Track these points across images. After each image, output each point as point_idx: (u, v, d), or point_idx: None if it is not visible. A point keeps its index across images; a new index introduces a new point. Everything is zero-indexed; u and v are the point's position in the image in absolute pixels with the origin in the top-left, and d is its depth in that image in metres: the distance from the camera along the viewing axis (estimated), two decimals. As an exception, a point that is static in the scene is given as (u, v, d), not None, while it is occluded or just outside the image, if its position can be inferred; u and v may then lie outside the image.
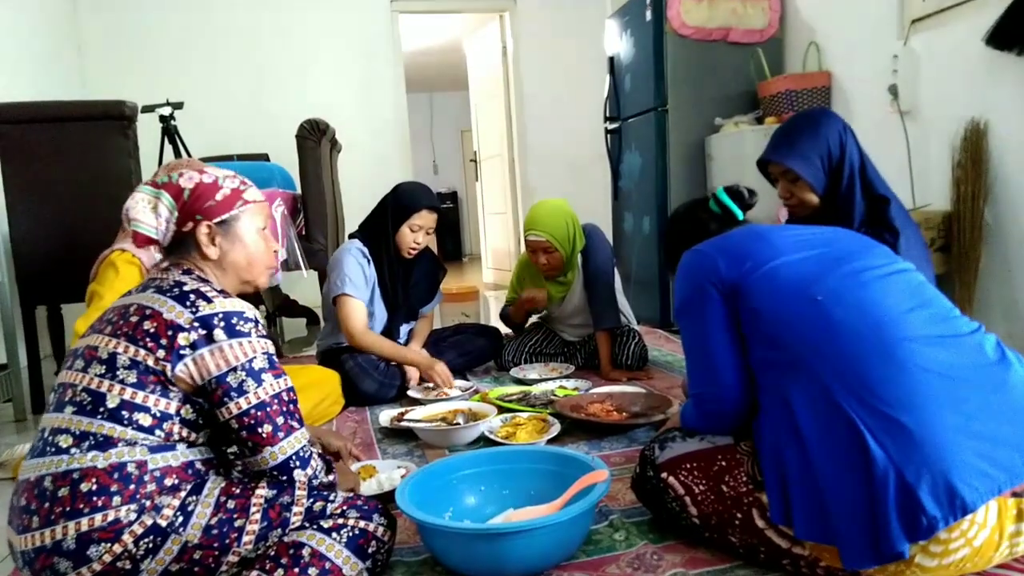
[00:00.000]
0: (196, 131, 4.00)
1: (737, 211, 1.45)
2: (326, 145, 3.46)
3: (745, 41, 3.45)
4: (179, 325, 1.10)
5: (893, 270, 1.20)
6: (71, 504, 1.01)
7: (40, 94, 3.54)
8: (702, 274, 1.27)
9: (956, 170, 2.55)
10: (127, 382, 1.07)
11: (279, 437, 1.13)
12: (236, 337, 1.12)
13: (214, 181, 1.24)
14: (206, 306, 1.12)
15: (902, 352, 1.06)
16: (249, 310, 1.16)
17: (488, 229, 6.37)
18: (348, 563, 1.12)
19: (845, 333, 1.11)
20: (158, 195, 1.21)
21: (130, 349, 1.08)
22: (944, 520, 0.96)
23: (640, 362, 2.61)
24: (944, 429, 1.00)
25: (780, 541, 1.12)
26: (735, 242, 1.30)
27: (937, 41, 2.68)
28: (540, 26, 5.41)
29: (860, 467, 1.01)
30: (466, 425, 1.91)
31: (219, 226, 1.23)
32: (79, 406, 1.07)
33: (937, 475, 0.97)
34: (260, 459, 1.13)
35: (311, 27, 5.01)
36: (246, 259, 1.26)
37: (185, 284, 1.16)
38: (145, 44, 4.76)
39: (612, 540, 1.34)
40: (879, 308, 1.12)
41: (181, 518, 1.06)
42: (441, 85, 9.32)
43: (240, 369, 1.11)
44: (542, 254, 2.51)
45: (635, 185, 3.75)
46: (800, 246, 1.24)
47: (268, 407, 1.12)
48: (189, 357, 1.09)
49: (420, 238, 2.45)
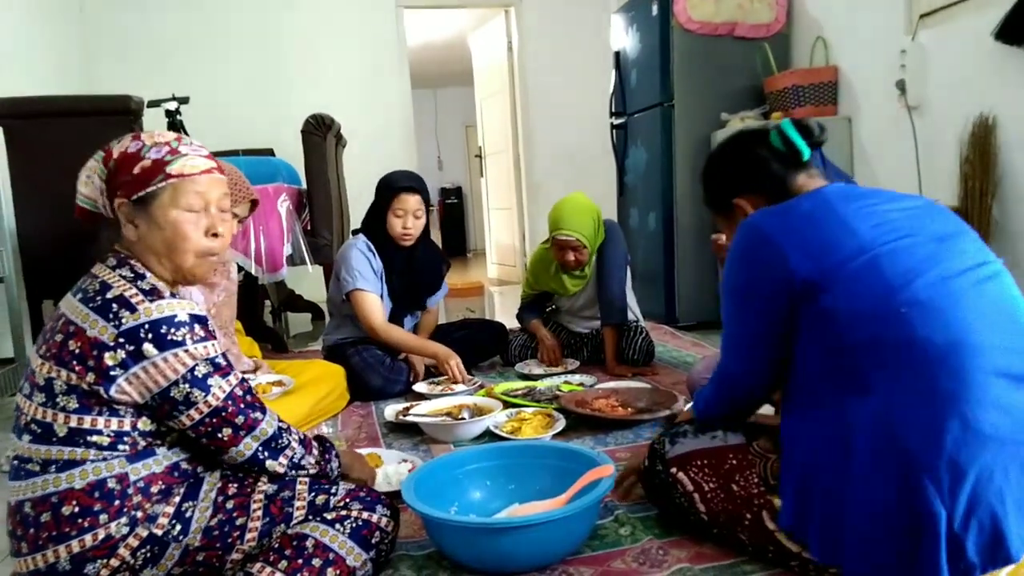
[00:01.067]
0: (202, 126, 4.00)
1: (805, 148, 1.21)
2: (331, 140, 3.46)
3: (751, 36, 3.43)
4: (103, 343, 0.99)
5: (987, 274, 1.05)
6: (56, 528, 0.98)
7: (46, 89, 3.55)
8: (767, 272, 1.10)
9: (964, 165, 2.53)
10: (69, 409, 1.00)
11: (240, 436, 1.08)
12: (169, 349, 1.00)
13: (137, 150, 1.06)
14: (130, 317, 0.99)
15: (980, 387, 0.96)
16: (181, 311, 1.02)
17: (493, 225, 6.37)
18: (352, 554, 1.11)
19: (926, 354, 0.98)
20: (98, 160, 1.07)
21: (62, 373, 1.00)
22: (982, 569, 0.94)
23: (646, 357, 2.61)
24: (1005, 475, 0.94)
25: (790, 545, 1.11)
26: (810, 227, 1.09)
27: (945, 36, 2.67)
28: (545, 21, 5.39)
29: (904, 502, 0.95)
30: (471, 420, 1.92)
31: (135, 204, 1.06)
32: (33, 435, 1.02)
33: (986, 522, 0.93)
34: (228, 458, 1.10)
35: (316, 22, 5.01)
36: (163, 245, 1.07)
37: (110, 288, 1.02)
38: (151, 39, 4.77)
39: (617, 535, 1.34)
40: (965, 329, 0.99)
41: (179, 526, 1.04)
42: (446, 80, 9.31)
43: (182, 382, 1.02)
44: (571, 252, 2.51)
45: (641, 181, 3.73)
46: (889, 232, 1.06)
47: (223, 411, 1.05)
48: (122, 377, 0.99)
49: (409, 222, 2.41)
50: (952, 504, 0.93)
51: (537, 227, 5.51)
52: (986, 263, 1.07)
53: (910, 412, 0.97)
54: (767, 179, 1.22)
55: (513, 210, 5.80)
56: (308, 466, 1.17)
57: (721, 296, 1.21)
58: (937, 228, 1.09)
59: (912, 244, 1.06)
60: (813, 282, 1.05)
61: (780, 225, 1.11)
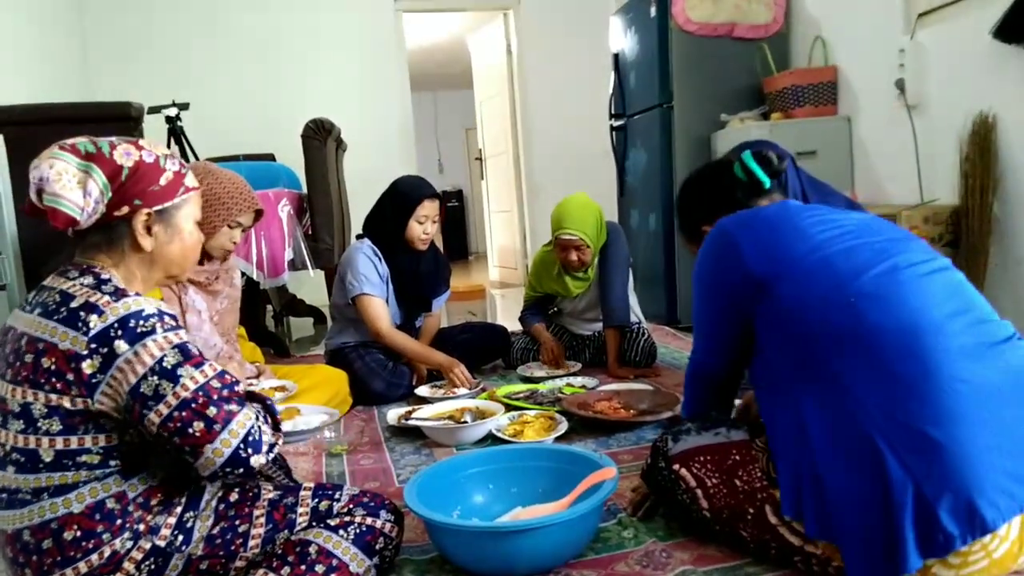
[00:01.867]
0: (202, 132, 4.01)
1: (765, 179, 1.35)
2: (332, 144, 3.46)
3: (750, 36, 3.43)
4: (77, 354, 0.95)
5: (933, 268, 1.12)
6: (60, 554, 0.96)
7: (46, 96, 3.55)
8: (724, 263, 1.22)
9: (964, 164, 2.53)
10: (53, 432, 0.95)
11: (216, 431, 0.98)
12: (139, 340, 0.96)
13: (155, 161, 1.07)
14: (97, 320, 0.96)
15: (938, 364, 1.01)
16: (149, 305, 1.00)
17: (494, 227, 6.37)
18: (355, 560, 1.11)
19: (878, 340, 1.04)
20: (87, 169, 1.02)
21: (39, 395, 0.95)
22: (962, 539, 0.95)
23: (648, 359, 2.61)
24: (974, 446, 0.97)
25: (792, 538, 1.11)
26: (767, 230, 1.21)
27: (944, 35, 2.66)
28: (544, 23, 5.40)
29: (874, 481, 0.99)
30: (473, 423, 1.91)
31: (159, 215, 1.07)
32: (17, 464, 0.97)
33: (959, 492, 0.95)
34: (205, 461, 0.99)
35: (316, 27, 5.01)
36: (181, 253, 1.12)
37: (73, 298, 0.98)
38: (151, 45, 4.77)
39: (621, 538, 1.34)
40: (917, 312, 1.05)
41: (181, 536, 1.03)
42: (445, 83, 9.32)
43: (151, 374, 0.96)
44: (574, 251, 2.51)
45: (641, 182, 3.74)
46: (839, 237, 1.16)
47: (193, 403, 0.97)
48: (104, 383, 0.95)
49: (429, 227, 2.45)
50: (921, 475, 0.96)
51: (538, 229, 5.51)
52: (934, 259, 1.15)
53: (869, 396, 1.02)
54: (731, 207, 1.33)
55: (514, 212, 5.80)
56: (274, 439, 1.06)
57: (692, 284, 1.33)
58: (886, 234, 1.19)
59: (863, 244, 1.14)
60: (767, 278, 1.15)
61: (742, 227, 1.23)
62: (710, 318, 1.30)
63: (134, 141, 1.08)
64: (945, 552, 0.96)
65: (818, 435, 1.05)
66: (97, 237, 1.06)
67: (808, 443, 1.06)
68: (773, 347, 1.17)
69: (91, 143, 1.05)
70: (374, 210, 2.52)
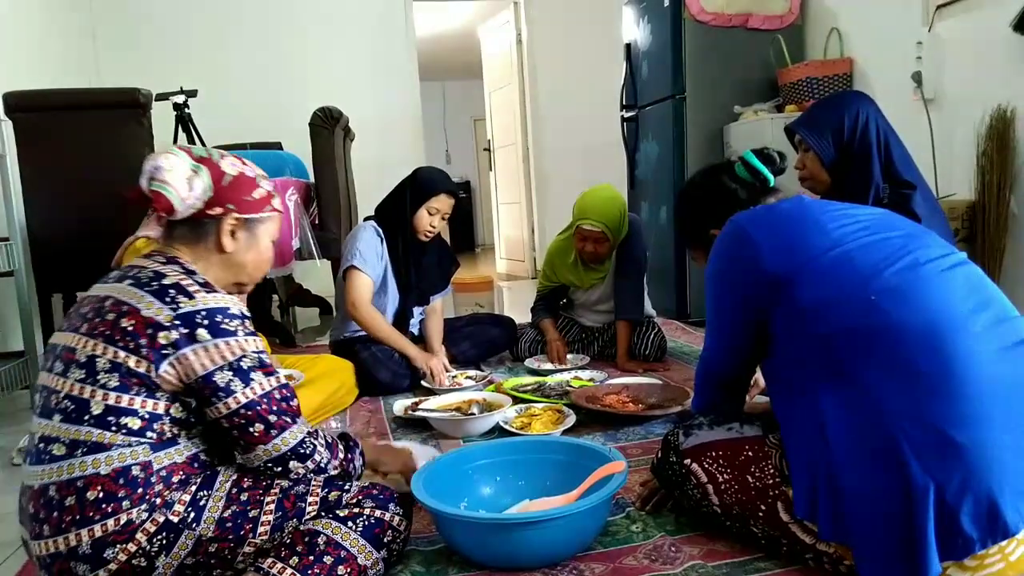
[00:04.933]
0: (210, 119, 3.99)
1: (769, 176, 1.34)
2: (339, 133, 3.44)
3: (765, 27, 3.39)
4: (159, 323, 1.04)
5: (953, 262, 1.10)
6: (80, 512, 0.99)
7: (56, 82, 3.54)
8: (740, 262, 1.18)
9: (981, 159, 2.49)
10: (109, 386, 1.02)
11: (272, 435, 1.09)
12: (221, 336, 1.07)
13: (254, 178, 1.22)
14: (187, 302, 1.06)
15: (962, 363, 0.98)
16: (234, 305, 1.11)
17: (502, 219, 6.35)
18: (363, 552, 1.11)
19: (901, 338, 1.01)
20: (197, 169, 1.15)
21: (109, 351, 1.03)
22: (982, 543, 0.93)
23: (658, 353, 2.59)
24: (996, 448, 0.95)
25: (804, 536, 1.10)
26: (783, 226, 1.17)
27: (963, 27, 2.62)
28: (555, 13, 5.36)
29: (895, 484, 0.96)
30: (481, 415, 1.90)
31: (245, 223, 1.21)
32: (64, 413, 1.03)
33: (981, 495, 0.93)
34: (254, 456, 1.10)
35: (324, 14, 4.99)
36: (255, 263, 1.25)
37: (165, 276, 1.09)
38: (159, 33, 4.76)
39: (629, 531, 1.33)
40: (940, 309, 1.02)
41: (193, 513, 1.05)
42: (454, 73, 9.28)
43: (227, 368, 1.06)
44: (591, 243, 2.48)
45: (652, 174, 3.71)
46: (857, 233, 1.13)
47: (258, 406, 1.08)
48: (173, 356, 1.04)
49: (436, 222, 2.45)
50: (943, 477, 0.94)
51: (546, 221, 5.49)
52: (952, 253, 1.12)
53: (891, 395, 0.99)
54: (737, 208, 1.31)
55: (522, 204, 5.78)
56: (331, 469, 1.19)
57: (704, 281, 1.29)
58: (904, 228, 1.16)
59: (881, 239, 1.12)
60: (785, 275, 1.11)
61: (757, 223, 1.19)
62: (724, 316, 1.26)
63: (240, 158, 1.24)
64: (964, 555, 0.94)
65: (837, 436, 1.02)
66: (184, 230, 1.18)
67: (826, 444, 1.03)
68: (790, 346, 1.13)
69: (204, 150, 1.20)
70: (392, 192, 2.51)
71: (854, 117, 1.73)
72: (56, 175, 2.64)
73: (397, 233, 2.45)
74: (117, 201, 2.67)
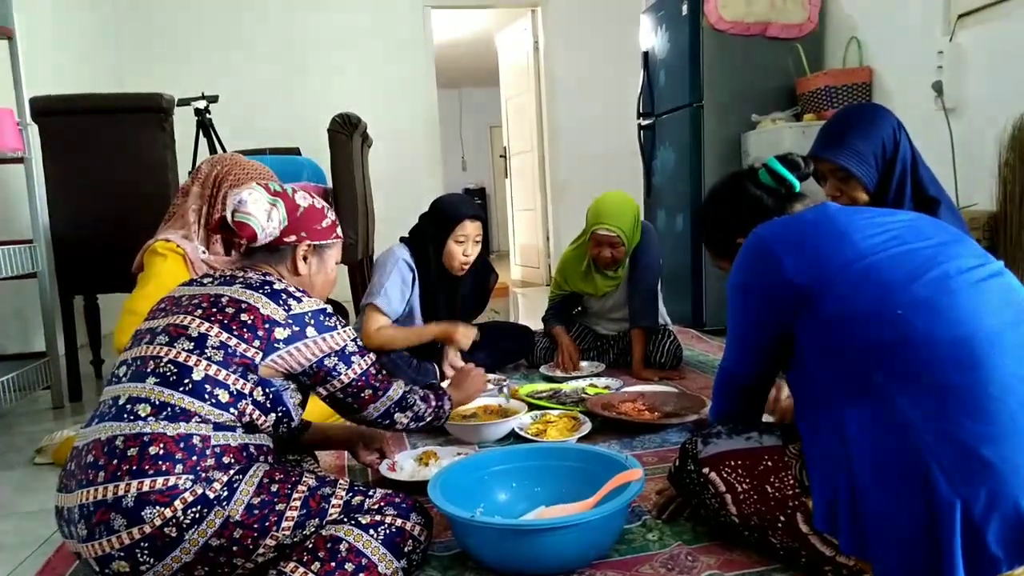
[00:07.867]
0: (229, 124, 4.05)
1: (795, 181, 1.31)
2: (357, 140, 3.47)
3: (784, 36, 3.38)
4: (276, 321, 1.19)
5: (988, 273, 1.06)
6: (138, 464, 1.05)
7: (79, 87, 3.60)
8: (763, 275, 1.15)
9: (1003, 169, 2.47)
10: (214, 360, 1.14)
11: (379, 395, 1.33)
12: (327, 332, 1.25)
13: (322, 209, 1.38)
14: (297, 305, 1.23)
15: (994, 378, 0.96)
16: (328, 307, 1.29)
17: (517, 226, 6.35)
18: (384, 560, 1.13)
19: (930, 353, 0.99)
20: (274, 203, 1.30)
21: (222, 335, 1.16)
22: (1008, 564, 0.92)
23: (674, 361, 2.58)
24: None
25: (824, 548, 1.09)
26: (808, 237, 1.14)
27: (985, 36, 2.60)
28: (572, 21, 5.38)
29: (920, 501, 0.94)
30: (497, 421, 1.90)
31: (315, 248, 1.37)
32: (163, 377, 1.12)
33: (1009, 516, 0.91)
34: (365, 415, 1.34)
35: (343, 22, 5.04)
36: (322, 284, 1.40)
37: (273, 283, 1.26)
38: (182, 39, 4.84)
39: (645, 540, 1.32)
40: (970, 322, 0.99)
41: (226, 493, 1.08)
42: (471, 80, 9.33)
43: (334, 355, 1.25)
44: (607, 248, 2.48)
45: (668, 182, 3.70)
46: (887, 243, 1.09)
47: (364, 377, 1.30)
48: (283, 350, 1.19)
49: (469, 249, 2.34)
50: (970, 495, 0.92)
51: (562, 228, 5.49)
52: (986, 263, 1.08)
53: (918, 411, 0.97)
54: (764, 215, 1.30)
55: (537, 211, 5.78)
56: (427, 415, 1.43)
57: (726, 292, 1.27)
58: (935, 236, 1.12)
59: (910, 250, 1.08)
60: (810, 288, 1.08)
61: (781, 235, 1.16)
62: (745, 329, 1.23)
63: (310, 192, 1.39)
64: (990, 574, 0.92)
65: (861, 450, 1.00)
66: (264, 255, 1.33)
67: (849, 457, 1.01)
68: (815, 359, 1.11)
69: (279, 186, 1.36)
70: (415, 227, 2.43)
71: (891, 138, 1.67)
72: (80, 178, 2.68)
73: (428, 268, 2.35)
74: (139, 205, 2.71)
